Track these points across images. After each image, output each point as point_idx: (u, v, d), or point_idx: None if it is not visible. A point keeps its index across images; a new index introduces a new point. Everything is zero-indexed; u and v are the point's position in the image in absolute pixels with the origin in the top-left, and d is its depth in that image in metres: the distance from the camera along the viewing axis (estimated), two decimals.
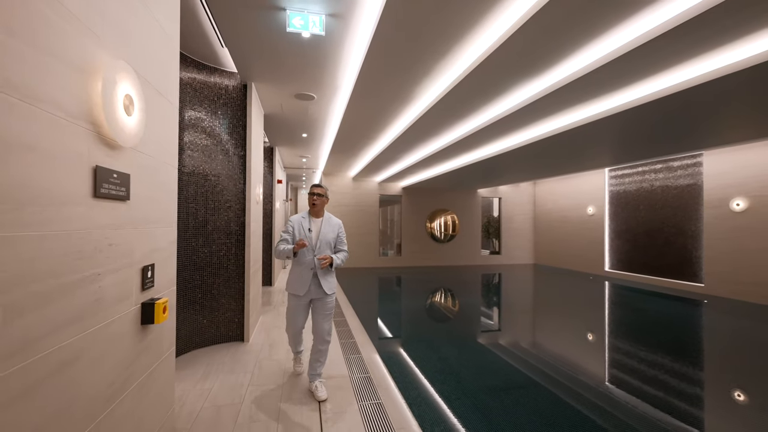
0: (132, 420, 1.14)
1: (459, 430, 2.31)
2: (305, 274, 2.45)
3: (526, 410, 2.60)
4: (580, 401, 2.72)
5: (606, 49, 2.64)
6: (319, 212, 2.55)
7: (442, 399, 2.71)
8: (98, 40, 0.95)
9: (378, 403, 2.41)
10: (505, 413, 2.56)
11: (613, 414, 2.57)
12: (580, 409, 2.61)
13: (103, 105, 0.94)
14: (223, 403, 2.36)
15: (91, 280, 0.93)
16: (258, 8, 2.35)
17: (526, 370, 3.37)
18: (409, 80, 3.35)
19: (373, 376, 2.84)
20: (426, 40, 2.61)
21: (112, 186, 1.00)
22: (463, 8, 2.25)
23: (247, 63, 3.15)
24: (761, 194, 5.86)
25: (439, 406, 2.61)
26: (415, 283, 8.22)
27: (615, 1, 2.10)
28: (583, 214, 9.53)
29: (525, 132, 4.79)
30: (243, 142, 3.71)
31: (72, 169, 0.85)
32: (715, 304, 5.98)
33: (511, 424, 2.41)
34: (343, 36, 2.70)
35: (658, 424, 2.44)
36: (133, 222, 1.15)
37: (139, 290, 1.19)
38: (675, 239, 7.23)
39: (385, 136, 5.55)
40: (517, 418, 2.48)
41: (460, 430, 2.31)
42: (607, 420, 2.49)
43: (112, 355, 1.04)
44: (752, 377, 3.29)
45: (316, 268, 2.45)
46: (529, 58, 2.78)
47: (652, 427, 2.42)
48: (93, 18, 0.93)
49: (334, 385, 2.63)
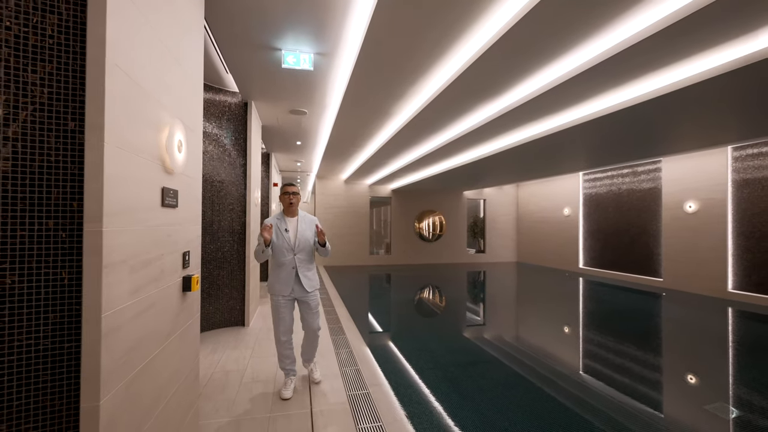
0: (176, 357, 1.69)
1: (435, 405, 2.86)
2: (286, 274, 2.45)
3: (492, 383, 3.18)
4: (554, 387, 3.02)
5: (574, 64, 2.93)
6: (294, 211, 2.55)
7: (424, 383, 2.94)
8: (167, 109, 1.50)
9: (356, 369, 2.98)
10: (473, 383, 3.13)
11: (581, 396, 3.12)
12: (554, 396, 3.07)
13: (167, 148, 1.49)
14: (230, 369, 2.91)
15: (159, 258, 1.48)
16: (258, 48, 2.90)
17: (498, 345, 3.96)
18: (388, 100, 3.92)
19: (355, 352, 3.40)
20: (399, 69, 3.17)
21: (170, 198, 1.55)
22: (429, 46, 2.83)
23: (248, 86, 3.70)
24: (709, 197, 6.52)
25: (422, 390, 2.83)
26: (403, 280, 8.79)
27: (578, 25, 2.37)
28: (560, 215, 10.18)
29: (505, 138, 5.16)
30: (244, 152, 4.26)
31: (151, 189, 1.40)
32: (672, 297, 6.63)
33: (480, 392, 2.98)
34: (329, 68, 3.26)
35: (615, 400, 3.02)
36: (180, 221, 1.69)
37: (181, 268, 1.74)
38: (639, 238, 7.89)
39: (371, 145, 6.12)
40: (487, 393, 3.06)
41: (434, 404, 2.87)
42: (573, 400, 3.07)
43: (168, 309, 1.58)
44: (702, 360, 3.81)
45: (297, 267, 2.46)
46: (499, 75, 3.09)
47: (607, 401, 3.01)
48: (167, 96, 1.48)
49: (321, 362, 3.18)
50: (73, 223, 1.07)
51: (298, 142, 6.23)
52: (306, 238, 2.52)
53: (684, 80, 3.08)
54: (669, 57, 2.77)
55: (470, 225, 12.31)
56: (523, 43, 2.57)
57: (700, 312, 5.68)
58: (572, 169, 8.42)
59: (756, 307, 5.70)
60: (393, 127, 4.91)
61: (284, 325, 2.48)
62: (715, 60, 2.81)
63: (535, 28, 2.37)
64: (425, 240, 11.66)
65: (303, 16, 2.46)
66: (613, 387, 3.05)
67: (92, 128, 1.06)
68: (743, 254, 6.07)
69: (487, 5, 2.27)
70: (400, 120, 4.59)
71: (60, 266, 1.06)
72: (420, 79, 3.35)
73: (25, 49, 1.02)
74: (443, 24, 2.45)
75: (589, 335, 4.64)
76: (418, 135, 5.11)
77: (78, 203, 1.08)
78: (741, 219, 6.11)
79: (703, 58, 2.80)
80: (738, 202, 6.15)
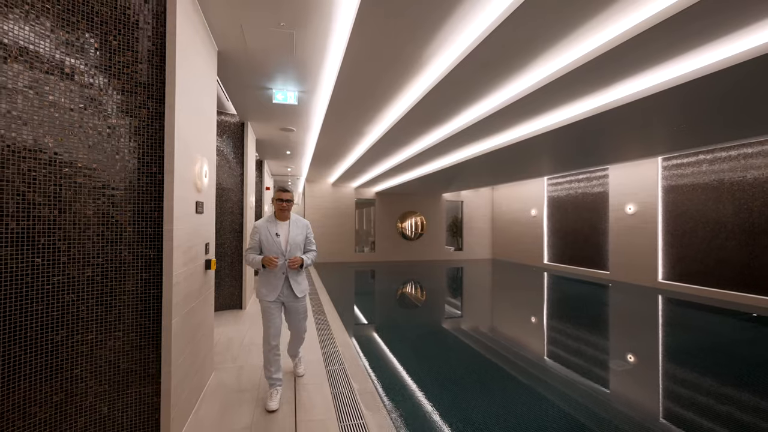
0: (202, 311, 2.54)
1: (405, 380, 3.74)
2: (276, 279, 2.42)
3: (457, 357, 4.08)
4: (516, 368, 3.75)
5: (535, 79, 3.30)
6: (286, 215, 2.51)
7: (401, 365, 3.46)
8: (201, 152, 2.35)
9: (343, 369, 3.85)
10: (442, 360, 4.03)
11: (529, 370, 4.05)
12: (515, 376, 4.05)
13: (198, 176, 2.35)
14: (232, 337, 3.76)
15: (194, 246, 2.33)
16: (254, 88, 3.75)
17: (470, 332, 4.87)
18: (358, 123, 4.80)
19: (338, 340, 4.27)
20: (366, 101, 4.05)
21: (200, 208, 2.41)
22: (389, 83, 3.72)
23: (245, 111, 4.54)
24: (645, 200, 7.56)
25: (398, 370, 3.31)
26: (387, 275, 9.68)
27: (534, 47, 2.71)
28: (528, 215, 11.19)
29: (472, 147, 5.75)
30: (241, 163, 5.09)
31: (191, 203, 2.25)
32: (617, 287, 7.64)
33: (446, 367, 3.88)
34: (310, 101, 4.13)
35: (558, 370, 3.92)
36: (204, 223, 2.55)
37: (204, 254, 2.59)
38: (591, 236, 8.92)
39: (351, 156, 7.00)
40: (450, 366, 3.95)
41: (405, 380, 3.75)
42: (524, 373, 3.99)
43: (198, 279, 2.43)
44: (639, 341, 4.51)
45: (287, 272, 2.43)
46: (441, 107, 4.22)
47: (544, 366, 3.93)
48: (196, 143, 2.34)
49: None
50: (157, 224, 1.93)
51: (288, 152, 7.07)
52: (297, 243, 2.47)
53: (623, 98, 3.52)
54: (610, 78, 3.14)
55: (450, 224, 13.27)
56: (463, 82, 3.47)
57: (634, 299, 6.68)
58: (537, 173, 9.40)
59: (680, 294, 6.73)
60: (367, 143, 5.79)
61: (274, 328, 2.41)
62: (643, 83, 3.28)
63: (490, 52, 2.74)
64: (407, 239, 12.57)
65: (289, 68, 3.32)
66: (554, 356, 3.98)
67: (167, 172, 1.92)
68: (669, 249, 7.10)
69: (429, 58, 3.16)
70: (373, 137, 5.47)
71: (150, 247, 1.91)
72: (384, 107, 4.24)
73: (133, 127, 1.87)
74: (399, 67, 3.33)
75: (544, 318, 5.59)
76: (388, 149, 6.00)
77: (159, 213, 1.93)
78: (668, 219, 7.15)
79: (637, 80, 3.23)
80: (665, 204, 7.19)
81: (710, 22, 2.35)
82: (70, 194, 1.67)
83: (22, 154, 1.54)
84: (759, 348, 4.04)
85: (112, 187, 1.80)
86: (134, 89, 1.87)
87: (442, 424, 2.40)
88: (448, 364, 3.49)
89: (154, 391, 1.92)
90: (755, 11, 2.25)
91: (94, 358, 1.76)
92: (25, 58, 1.54)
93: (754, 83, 3.11)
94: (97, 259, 1.76)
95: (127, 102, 1.85)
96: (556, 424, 2.45)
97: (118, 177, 1.82)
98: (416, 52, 2.88)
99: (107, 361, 1.80)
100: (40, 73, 1.58)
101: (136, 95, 1.87)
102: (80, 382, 1.72)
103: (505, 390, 2.97)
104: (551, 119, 4.39)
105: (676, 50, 2.72)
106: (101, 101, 1.77)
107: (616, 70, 3.01)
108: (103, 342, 1.78)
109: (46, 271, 1.62)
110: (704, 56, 2.84)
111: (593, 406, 2.72)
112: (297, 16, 2.48)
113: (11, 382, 1.52)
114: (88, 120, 1.73)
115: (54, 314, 1.64)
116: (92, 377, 1.76)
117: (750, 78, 2.99)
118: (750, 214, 5.89)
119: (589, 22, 2.46)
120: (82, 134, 1.71)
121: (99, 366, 1.77)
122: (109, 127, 1.79)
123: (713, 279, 6.37)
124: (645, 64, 2.92)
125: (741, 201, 6.01)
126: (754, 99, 3.52)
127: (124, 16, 1.83)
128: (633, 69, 3.02)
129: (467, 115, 4.36)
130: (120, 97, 1.83)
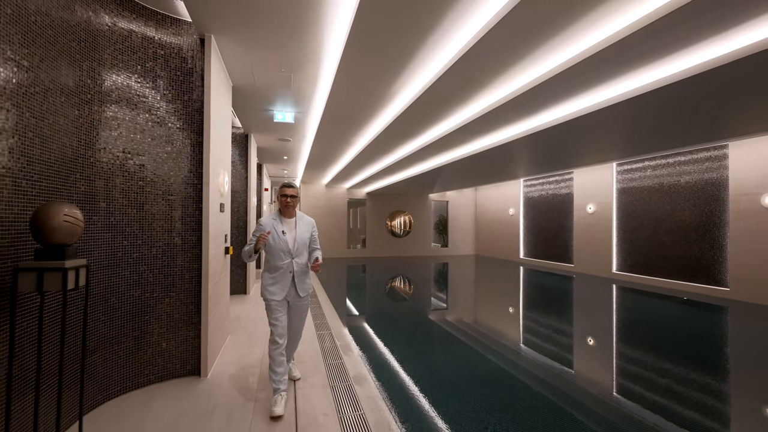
0: (222, 286, 3.39)
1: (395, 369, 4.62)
2: (283, 278, 2.37)
3: (434, 339, 4.97)
4: (491, 351, 4.89)
5: (509, 90, 3.70)
6: (292, 212, 2.46)
7: (390, 352, 4.44)
8: (222, 167, 3.20)
9: (329, 333, 4.72)
10: (426, 345, 4.91)
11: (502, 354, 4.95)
12: (492, 360, 4.96)
13: (221, 185, 3.20)
14: (240, 313, 4.62)
15: (218, 235, 3.18)
16: (258, 110, 4.60)
17: (453, 322, 5.75)
18: (346, 136, 5.66)
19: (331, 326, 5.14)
20: (352, 121, 4.92)
21: (222, 208, 3.26)
22: (369, 107, 4.59)
23: (249, 125, 5.38)
24: (602, 201, 8.52)
25: (386, 357, 4.13)
26: (377, 269, 10.55)
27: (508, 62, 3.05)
28: (506, 214, 12.13)
29: (454, 151, 6.44)
30: (246, 167, 5.93)
31: (217, 204, 3.10)
32: (580, 279, 8.57)
33: (430, 352, 4.76)
34: (305, 119, 4.99)
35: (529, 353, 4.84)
36: (224, 219, 3.39)
37: (224, 242, 3.44)
38: (559, 233, 9.88)
39: (341, 162, 7.86)
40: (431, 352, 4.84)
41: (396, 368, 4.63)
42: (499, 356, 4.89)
43: (220, 261, 3.28)
44: (598, 326, 5.47)
45: (294, 272, 2.39)
46: (419, 120, 5.11)
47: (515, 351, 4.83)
48: (220, 160, 3.19)
49: None
50: (197, 219, 2.78)
51: (285, 157, 7.91)
52: (304, 241, 2.44)
53: (584, 109, 4.02)
54: (573, 90, 3.60)
55: (436, 223, 14.18)
56: (443, 95, 4.34)
57: (593, 287, 7.62)
58: (514, 176, 10.31)
59: (629, 283, 7.68)
60: (355, 150, 6.66)
61: (281, 327, 2.37)
62: (596, 98, 3.80)
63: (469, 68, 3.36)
64: (396, 236, 13.46)
65: (287, 97, 4.17)
66: (526, 332, 4.89)
67: (204, 183, 2.77)
68: (622, 244, 8.07)
69: (409, 79, 4.03)
70: (359, 146, 6.34)
71: (193, 235, 2.76)
72: (366, 124, 5.11)
73: (183, 152, 2.72)
74: (373, 98, 4.20)
75: (516, 306, 6.50)
76: (373, 155, 6.88)
77: (198, 212, 2.78)
78: (620, 218, 8.11)
79: (597, 92, 3.68)
80: (619, 205, 8.15)
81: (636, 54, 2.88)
82: (143, 198, 2.53)
83: (118, 171, 2.39)
84: (685, 324, 4.96)
85: (170, 194, 2.65)
86: (185, 126, 2.72)
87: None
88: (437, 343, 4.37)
89: (196, 335, 2.77)
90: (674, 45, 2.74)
91: (157, 310, 2.62)
92: (126, 103, 2.39)
93: (680, 103, 3.77)
94: (159, 243, 2.61)
95: (181, 134, 2.70)
96: (499, 372, 3.34)
97: (174, 187, 2.67)
98: (389, 85, 3.75)
99: (165, 312, 2.65)
100: (133, 111, 2.43)
101: (186, 130, 2.73)
102: (148, 325, 2.58)
103: (483, 362, 3.86)
104: (526, 125, 4.85)
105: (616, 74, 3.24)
106: (167, 134, 2.62)
107: (570, 87, 3.48)
108: (162, 299, 2.64)
109: (129, 250, 2.47)
110: (637, 79, 3.38)
111: (527, 361, 3.63)
112: (294, 64, 3.33)
113: (110, 320, 2.38)
114: (157, 147, 2.58)
115: (133, 278, 2.49)
116: (156, 322, 2.61)
117: (675, 98, 3.61)
118: (682, 213, 6.86)
119: (532, 54, 3.34)
120: (152, 157, 2.56)
121: (160, 315, 2.63)
122: (165, 153, 2.64)
123: (655, 269, 7.34)
124: (596, 81, 3.40)
125: (676, 202, 6.98)
126: (682, 116, 4.25)
127: (183, 80, 2.68)
128: (584, 87, 3.52)
129: (438, 129, 5.25)
130: (177, 129, 2.68)
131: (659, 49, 2.82)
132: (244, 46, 2.97)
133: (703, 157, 6.57)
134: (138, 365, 2.54)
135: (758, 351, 3.91)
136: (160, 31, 2.61)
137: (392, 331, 4.58)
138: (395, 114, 4.47)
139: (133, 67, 2.46)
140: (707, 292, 6.42)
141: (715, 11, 2.33)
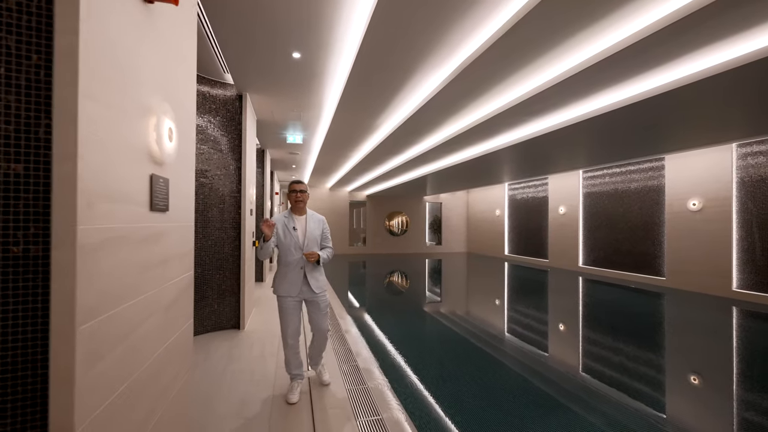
0: (251, 268, 4.63)
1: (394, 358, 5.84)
2: (294, 274, 2.38)
3: (424, 329, 6.19)
4: (482, 340, 6.20)
5: (498, 104, 4.16)
6: (302, 209, 2.48)
7: (390, 343, 5.96)
8: (251, 182, 4.44)
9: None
10: (418, 335, 6.13)
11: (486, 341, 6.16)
12: (483, 349, 6.18)
13: (252, 195, 4.45)
14: (260, 295, 5.87)
15: (249, 231, 4.43)
16: (273, 133, 5.85)
17: (447, 314, 6.97)
18: (345, 150, 6.90)
19: None
20: (350, 141, 6.15)
21: (251, 212, 4.51)
22: (364, 130, 5.83)
23: (265, 143, 6.64)
24: (571, 203, 9.66)
25: (388, 348, 5.36)
26: (376, 265, 11.77)
27: (496, 80, 4.60)
28: (494, 215, 13.29)
29: (450, 157, 7.93)
30: (263, 175, 7.18)
31: (248, 209, 4.35)
32: (554, 273, 9.69)
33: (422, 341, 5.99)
34: (311, 139, 6.23)
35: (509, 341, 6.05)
36: (252, 219, 4.64)
37: (252, 237, 4.69)
38: (537, 231, 11.03)
39: (342, 169, 9.11)
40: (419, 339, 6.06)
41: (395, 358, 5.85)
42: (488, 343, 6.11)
43: (250, 250, 4.52)
44: (570, 315, 6.81)
45: (305, 267, 2.39)
46: (444, 113, 6.32)
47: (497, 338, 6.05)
48: (251, 177, 4.43)
49: None
50: (237, 221, 4.03)
51: (294, 166, 9.17)
52: (314, 237, 2.45)
53: (567, 121, 4.55)
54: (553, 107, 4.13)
55: (431, 222, 15.36)
56: (446, 103, 5.56)
57: (562, 280, 8.70)
58: (498, 180, 11.42)
59: (591, 276, 8.81)
60: (354, 160, 7.90)
61: (292, 327, 2.38)
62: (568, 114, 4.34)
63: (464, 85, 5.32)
64: (394, 234, 14.67)
65: (297, 126, 5.41)
66: (509, 322, 6.10)
67: (242, 195, 4.02)
68: (586, 241, 9.21)
69: (402, 99, 5.25)
70: (357, 158, 7.58)
71: (236, 231, 4.01)
72: (361, 143, 6.34)
73: (229, 173, 3.97)
74: (363, 130, 5.43)
75: (497, 296, 7.70)
76: (370, 166, 8.11)
77: (239, 215, 4.03)
78: (585, 218, 9.25)
79: (566, 110, 4.22)
80: (584, 207, 9.29)
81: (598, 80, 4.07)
82: (204, 206, 3.77)
83: (197, 188, 3.65)
84: (631, 308, 6.05)
85: (222, 203, 3.90)
86: (231, 154, 3.97)
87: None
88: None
89: (237, 300, 4.02)
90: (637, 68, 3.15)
91: (212, 282, 3.86)
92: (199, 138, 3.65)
93: (627, 122, 4.55)
94: (214, 235, 3.86)
95: (229, 159, 3.95)
96: (474, 347, 4.54)
97: (224, 198, 3.92)
98: (378, 119, 4.98)
99: (217, 283, 3.90)
100: (203, 145, 3.68)
101: (232, 157, 3.97)
102: (206, 293, 3.82)
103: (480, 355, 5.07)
104: (511, 136, 5.52)
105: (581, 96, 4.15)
106: (222, 159, 3.86)
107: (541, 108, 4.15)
108: (215, 275, 3.88)
109: (203, 239, 3.72)
110: (597, 101, 3.95)
111: (504, 340, 4.83)
112: (303, 106, 4.56)
113: (196, 286, 3.64)
114: (216, 169, 3.83)
115: (197, 260, 3.75)
116: (210, 290, 3.86)
117: (623, 119, 4.36)
118: (631, 215, 8.00)
119: (518, 72, 4.54)
120: (212, 177, 3.81)
121: (213, 286, 3.88)
122: (221, 173, 3.89)
123: (611, 263, 8.47)
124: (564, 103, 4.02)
125: (627, 205, 8.11)
126: (627, 132, 5.23)
127: (232, 114, 3.93)
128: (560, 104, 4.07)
129: (425, 143, 6.49)
130: (229, 156, 3.92)
131: (610, 79, 3.41)
132: (267, 97, 4.22)
133: (647, 167, 7.70)
134: (197, 319, 3.78)
135: (686, 327, 4.96)
136: (215, 90, 3.86)
137: (388, 314, 5.79)
138: (384, 136, 5.70)
139: (202, 115, 3.71)
140: (650, 281, 7.56)
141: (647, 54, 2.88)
